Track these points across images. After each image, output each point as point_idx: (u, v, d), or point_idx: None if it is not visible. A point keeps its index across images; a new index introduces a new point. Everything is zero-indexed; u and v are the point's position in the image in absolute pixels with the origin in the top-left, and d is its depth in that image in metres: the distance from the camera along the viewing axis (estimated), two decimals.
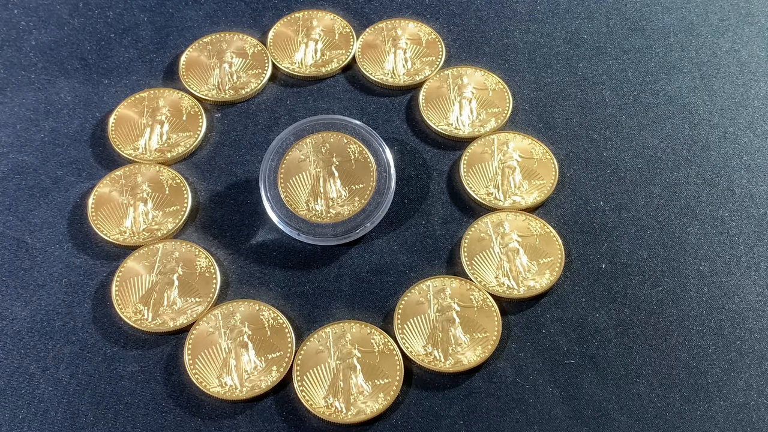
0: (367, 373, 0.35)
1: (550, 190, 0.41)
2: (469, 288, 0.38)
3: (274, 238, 0.40)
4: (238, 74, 0.45)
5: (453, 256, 0.39)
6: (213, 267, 0.38)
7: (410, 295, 0.38)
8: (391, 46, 0.46)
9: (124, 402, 0.35)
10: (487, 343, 0.36)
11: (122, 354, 0.37)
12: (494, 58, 0.46)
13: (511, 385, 0.36)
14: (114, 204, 0.40)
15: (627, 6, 0.48)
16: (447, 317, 0.37)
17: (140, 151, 0.42)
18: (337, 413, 0.34)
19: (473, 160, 0.42)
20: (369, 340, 0.36)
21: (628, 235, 0.40)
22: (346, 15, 0.47)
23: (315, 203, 0.40)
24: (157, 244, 0.39)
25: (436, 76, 0.45)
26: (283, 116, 0.44)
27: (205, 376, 0.35)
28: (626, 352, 0.36)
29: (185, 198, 0.41)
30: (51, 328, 0.37)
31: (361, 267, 0.39)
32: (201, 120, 0.43)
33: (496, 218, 0.40)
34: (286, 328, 0.37)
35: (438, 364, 0.36)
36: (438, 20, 0.47)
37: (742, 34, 0.47)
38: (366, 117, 0.44)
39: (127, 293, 0.38)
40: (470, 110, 0.43)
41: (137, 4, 0.48)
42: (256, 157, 0.42)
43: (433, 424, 0.35)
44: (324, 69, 0.45)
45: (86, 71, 0.45)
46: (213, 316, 0.37)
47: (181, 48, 0.46)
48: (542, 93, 0.45)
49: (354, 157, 0.41)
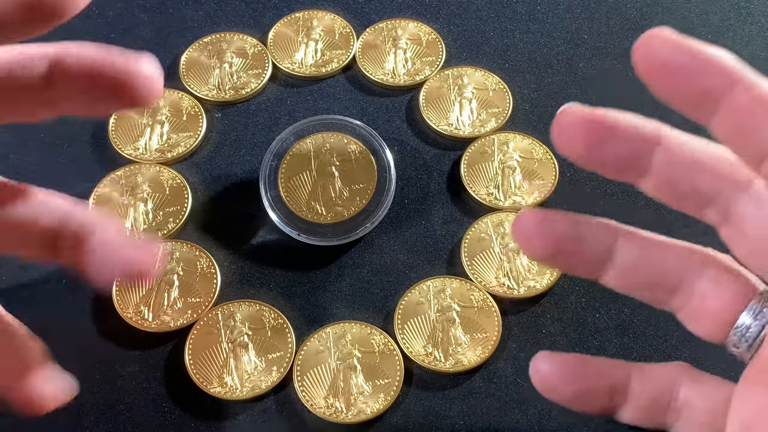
0: (367, 374, 0.35)
1: (551, 190, 0.41)
2: (469, 288, 0.38)
3: (274, 238, 0.40)
4: (239, 74, 0.45)
5: (453, 256, 0.39)
6: (213, 267, 0.38)
7: (410, 295, 0.38)
8: (391, 46, 0.46)
9: (124, 402, 0.35)
10: (487, 343, 0.36)
11: (122, 354, 0.37)
12: (494, 58, 0.46)
13: (512, 385, 0.36)
14: (114, 204, 0.40)
15: (627, 6, 0.48)
16: (447, 317, 0.37)
17: (140, 152, 0.42)
18: (338, 413, 0.34)
19: (473, 161, 0.42)
20: (369, 341, 0.36)
21: None
22: (347, 15, 0.47)
23: (315, 203, 0.40)
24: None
25: (436, 76, 0.45)
26: (284, 116, 0.44)
27: (206, 377, 0.35)
28: (626, 353, 0.36)
29: (185, 198, 0.41)
30: (51, 328, 0.37)
31: (361, 267, 0.39)
32: (201, 120, 0.43)
33: (496, 218, 0.40)
34: (286, 328, 0.37)
35: (438, 364, 0.36)
36: (438, 20, 0.47)
37: (742, 34, 0.47)
38: (366, 117, 0.44)
39: (128, 293, 0.38)
40: (470, 110, 0.43)
41: (137, 4, 0.48)
42: (256, 157, 0.42)
43: (433, 425, 0.35)
44: (324, 69, 0.45)
45: None
46: (213, 316, 0.37)
47: (181, 48, 0.46)
48: (542, 93, 0.45)
49: (354, 157, 0.41)
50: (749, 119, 0.20)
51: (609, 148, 0.22)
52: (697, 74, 0.21)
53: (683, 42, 0.21)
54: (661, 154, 0.23)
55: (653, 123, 0.23)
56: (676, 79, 0.21)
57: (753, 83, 0.21)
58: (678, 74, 0.21)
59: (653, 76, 0.21)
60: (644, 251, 0.24)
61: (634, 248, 0.24)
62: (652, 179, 0.23)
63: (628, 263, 0.24)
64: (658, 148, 0.23)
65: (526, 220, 0.25)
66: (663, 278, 0.24)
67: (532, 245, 0.24)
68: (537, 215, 0.24)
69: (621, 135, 0.22)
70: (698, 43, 0.21)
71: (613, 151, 0.22)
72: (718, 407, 0.24)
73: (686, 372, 0.26)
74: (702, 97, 0.21)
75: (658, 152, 0.23)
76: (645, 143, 0.23)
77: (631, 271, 0.25)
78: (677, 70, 0.21)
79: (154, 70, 0.25)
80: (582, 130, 0.22)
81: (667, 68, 0.21)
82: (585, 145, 0.22)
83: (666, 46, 0.21)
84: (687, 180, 0.23)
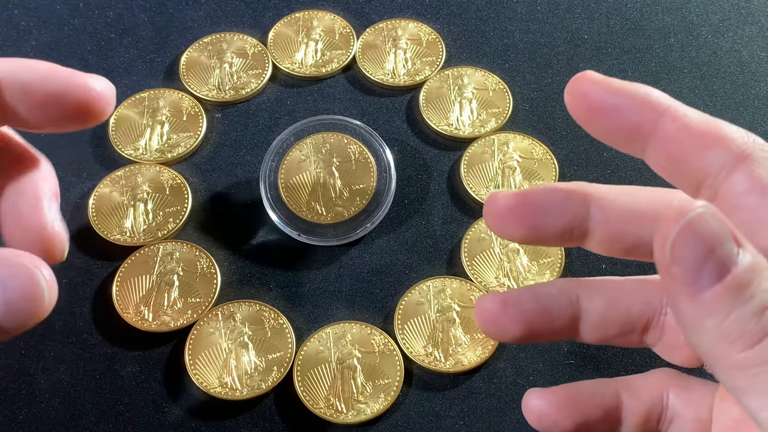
0: (367, 374, 0.35)
1: None
2: (469, 288, 0.38)
3: (274, 238, 0.40)
4: (239, 74, 0.45)
5: (453, 256, 0.39)
6: (213, 267, 0.38)
7: (410, 296, 0.38)
8: (391, 47, 0.46)
9: (124, 402, 0.35)
10: (487, 344, 0.36)
11: (122, 354, 0.37)
12: (494, 58, 0.46)
13: (512, 386, 0.36)
14: (114, 204, 0.40)
15: (627, 6, 0.48)
16: (447, 317, 0.37)
17: (140, 152, 0.42)
18: (338, 414, 0.34)
19: (473, 161, 0.42)
20: (369, 341, 0.36)
21: None
22: (347, 15, 0.47)
23: (315, 203, 0.40)
24: (157, 244, 0.39)
25: (436, 76, 0.45)
26: (284, 116, 0.44)
27: (206, 377, 0.35)
28: (626, 353, 0.36)
29: (185, 198, 0.41)
30: (51, 328, 0.37)
31: (361, 267, 0.39)
32: (201, 120, 0.43)
33: None
34: (286, 329, 0.37)
35: (438, 364, 0.36)
36: (438, 20, 0.47)
37: (742, 34, 0.47)
38: (366, 117, 0.44)
39: (128, 293, 0.38)
40: (470, 110, 0.43)
41: (137, 4, 0.48)
42: (256, 158, 0.42)
43: (433, 425, 0.35)
44: (324, 69, 0.45)
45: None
46: (213, 316, 0.37)
47: (182, 48, 0.46)
48: (542, 93, 0.45)
49: (354, 157, 0.41)
50: (678, 148, 0.21)
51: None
52: (626, 111, 0.21)
53: (610, 82, 0.22)
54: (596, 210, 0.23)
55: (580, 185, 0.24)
56: (607, 118, 0.22)
57: (680, 114, 0.21)
58: (608, 113, 0.21)
59: (586, 118, 0.22)
60: (607, 301, 0.24)
61: (596, 300, 0.24)
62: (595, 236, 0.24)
63: (596, 318, 0.24)
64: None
65: (489, 306, 0.24)
66: (632, 324, 0.25)
67: (503, 332, 0.24)
68: (498, 300, 0.24)
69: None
70: (624, 82, 0.22)
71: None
72: (705, 416, 0.25)
73: (672, 380, 0.26)
74: (633, 132, 0.22)
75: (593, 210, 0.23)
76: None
77: (601, 325, 0.25)
78: (607, 110, 0.21)
79: (108, 88, 0.26)
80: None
81: (597, 109, 0.21)
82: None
83: (594, 88, 0.21)
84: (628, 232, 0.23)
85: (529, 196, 0.23)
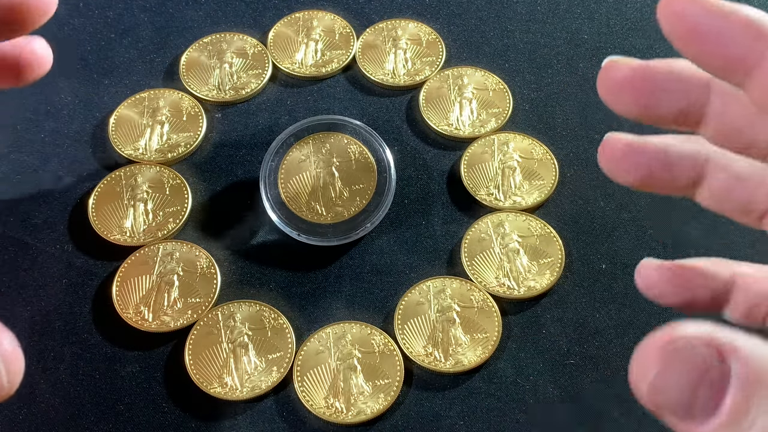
0: (367, 374, 0.35)
1: (551, 190, 0.41)
2: (469, 288, 0.38)
3: (274, 238, 0.40)
4: (239, 74, 0.45)
5: (453, 256, 0.39)
6: (213, 267, 0.38)
7: (410, 296, 0.38)
8: (391, 47, 0.46)
9: (124, 402, 0.35)
10: (487, 344, 0.36)
11: (122, 354, 0.37)
12: (494, 58, 0.46)
13: (512, 386, 0.36)
14: (114, 204, 0.40)
15: (627, 6, 0.48)
16: (447, 317, 0.37)
17: (140, 152, 0.42)
18: (338, 414, 0.34)
19: (473, 161, 0.42)
20: (369, 341, 0.36)
21: (628, 235, 0.40)
22: (347, 15, 0.47)
23: (315, 203, 0.40)
24: (157, 244, 0.39)
25: (436, 76, 0.45)
26: (284, 116, 0.44)
27: (206, 377, 0.35)
28: (626, 353, 0.36)
29: (185, 198, 0.41)
30: (51, 328, 0.37)
31: (361, 267, 0.39)
32: (201, 120, 0.43)
33: (496, 218, 0.40)
34: (286, 329, 0.37)
35: (438, 364, 0.36)
36: (438, 20, 0.47)
37: None
38: (366, 117, 0.44)
39: (128, 293, 0.38)
40: (470, 110, 0.43)
41: (137, 4, 0.48)
42: (256, 158, 0.42)
43: (433, 425, 0.35)
44: (324, 69, 0.45)
45: (86, 71, 0.45)
46: (213, 316, 0.37)
47: (182, 48, 0.46)
48: (542, 93, 0.45)
49: (354, 157, 0.41)
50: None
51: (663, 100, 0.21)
52: (728, 38, 0.19)
53: (713, 3, 0.19)
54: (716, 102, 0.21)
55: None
56: (705, 44, 0.19)
57: None
58: (707, 38, 0.19)
59: (680, 39, 0.19)
60: (732, 180, 0.24)
61: (722, 176, 0.24)
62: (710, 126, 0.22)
63: (719, 186, 0.24)
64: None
65: (613, 146, 0.24)
66: (754, 204, 0.24)
67: (621, 173, 0.24)
68: (625, 144, 0.24)
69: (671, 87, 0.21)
70: (725, 3, 0.19)
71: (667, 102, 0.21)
72: None
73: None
74: (734, 63, 0.19)
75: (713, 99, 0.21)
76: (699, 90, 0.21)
77: (723, 195, 0.24)
78: (706, 34, 0.19)
79: (46, 49, 0.27)
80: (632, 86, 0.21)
81: (695, 32, 0.19)
82: (636, 100, 0.21)
83: (693, 7, 0.19)
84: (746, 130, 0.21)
85: (649, 73, 0.21)
